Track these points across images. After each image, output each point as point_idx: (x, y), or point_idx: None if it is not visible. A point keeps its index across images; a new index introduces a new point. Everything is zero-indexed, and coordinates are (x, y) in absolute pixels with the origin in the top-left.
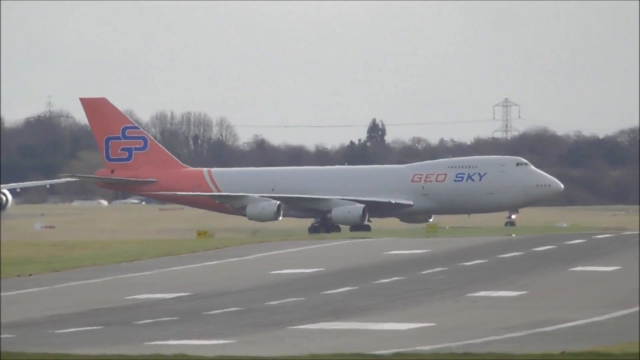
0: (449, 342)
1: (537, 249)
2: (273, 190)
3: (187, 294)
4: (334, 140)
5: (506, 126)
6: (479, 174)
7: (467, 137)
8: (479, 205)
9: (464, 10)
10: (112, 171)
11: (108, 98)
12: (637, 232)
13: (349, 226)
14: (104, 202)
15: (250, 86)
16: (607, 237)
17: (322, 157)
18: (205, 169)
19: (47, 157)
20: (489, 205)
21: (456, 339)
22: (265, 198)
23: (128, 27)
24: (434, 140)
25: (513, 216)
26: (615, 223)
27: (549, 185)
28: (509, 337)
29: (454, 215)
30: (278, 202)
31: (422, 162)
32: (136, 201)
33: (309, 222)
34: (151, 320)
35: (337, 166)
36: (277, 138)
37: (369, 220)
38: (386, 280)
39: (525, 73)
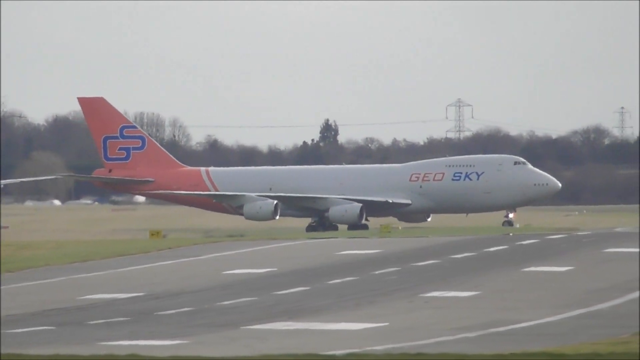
0: (401, 342)
1: (490, 249)
2: (271, 189)
3: (140, 294)
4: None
5: (459, 126)
6: (477, 173)
7: (420, 137)
8: (477, 204)
9: (416, 10)
10: (110, 171)
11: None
12: (589, 232)
13: (346, 225)
14: (57, 202)
15: (203, 86)
16: (559, 237)
17: (275, 157)
18: (203, 168)
19: None
20: (486, 205)
21: (409, 339)
22: (262, 197)
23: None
24: (387, 140)
25: (511, 215)
26: (568, 223)
27: (547, 184)
28: (461, 338)
29: (454, 215)
30: (275, 202)
31: (420, 161)
32: (89, 201)
33: (307, 221)
34: (104, 321)
35: (335, 165)
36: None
37: (366, 220)
38: (339, 281)
39: (477, 73)
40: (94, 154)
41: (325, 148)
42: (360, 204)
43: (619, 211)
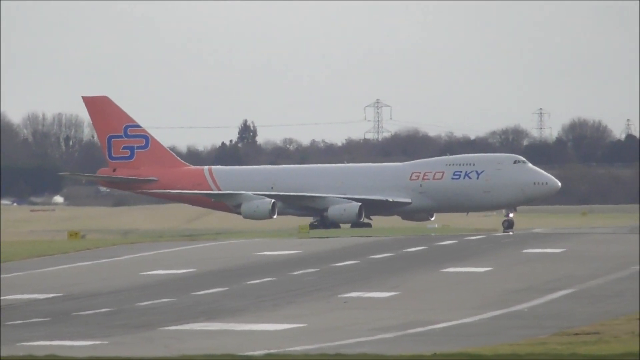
0: (320, 342)
1: (408, 250)
2: (272, 188)
3: (59, 294)
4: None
5: (377, 127)
6: (477, 172)
7: (338, 138)
8: (476, 203)
9: (334, 9)
10: (114, 170)
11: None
12: (508, 233)
13: (349, 224)
14: None
15: (121, 86)
16: (478, 238)
17: (193, 157)
18: (206, 167)
19: None
20: (486, 204)
21: (327, 340)
22: (260, 196)
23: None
24: (305, 141)
25: (511, 215)
26: (487, 224)
27: (546, 183)
28: (380, 338)
29: (455, 214)
30: (272, 200)
31: (421, 160)
32: (7, 202)
33: (308, 220)
34: (22, 321)
35: (337, 164)
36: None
37: (369, 218)
38: (257, 281)
39: (396, 74)
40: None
41: (244, 149)
42: (359, 203)
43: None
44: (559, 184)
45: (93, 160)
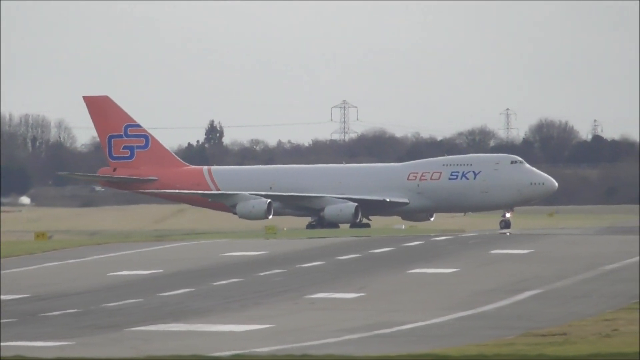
0: (287, 343)
1: (375, 250)
2: (271, 188)
3: (26, 295)
4: (172, 141)
5: (344, 128)
6: (474, 172)
7: (305, 138)
8: (474, 203)
9: (298, 10)
10: (115, 169)
11: None
12: (475, 234)
13: (346, 224)
14: None
15: (87, 87)
16: (445, 239)
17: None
18: (205, 167)
19: None
20: (483, 204)
21: (294, 341)
22: (256, 196)
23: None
24: (272, 142)
25: (508, 215)
26: (454, 225)
27: (543, 183)
28: (347, 339)
29: (454, 214)
30: (268, 201)
31: (419, 161)
32: None
33: (306, 220)
34: None
35: (336, 164)
36: None
37: (368, 219)
38: (224, 282)
39: (362, 75)
40: None
41: (211, 149)
42: (356, 204)
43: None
44: (556, 184)
45: (59, 161)
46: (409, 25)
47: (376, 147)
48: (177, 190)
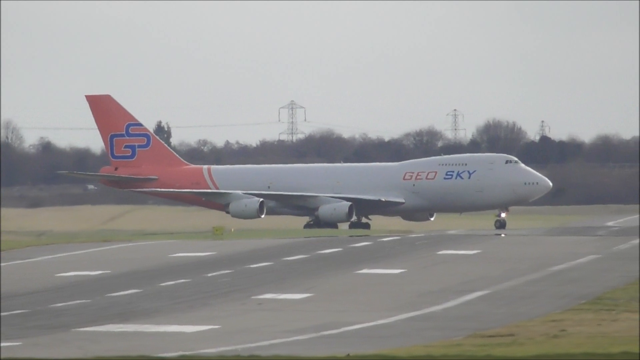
0: (234, 344)
1: (323, 251)
2: (269, 187)
3: None
4: None
5: (292, 129)
6: (468, 171)
7: (253, 139)
8: (468, 203)
9: (247, 11)
10: (116, 168)
11: None
12: (422, 235)
13: (339, 224)
14: None
15: (35, 87)
16: (392, 239)
17: (107, 160)
18: (205, 166)
19: None
20: (478, 203)
21: (242, 342)
22: (249, 195)
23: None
24: (219, 142)
25: (503, 214)
26: (401, 226)
27: (537, 183)
28: (294, 340)
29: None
30: (260, 200)
31: (415, 160)
32: None
33: (304, 220)
34: None
35: (333, 164)
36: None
37: (368, 218)
38: (172, 283)
39: (310, 75)
40: None
41: None
42: (349, 203)
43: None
44: (550, 183)
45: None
46: (356, 26)
47: (324, 147)
48: (169, 190)
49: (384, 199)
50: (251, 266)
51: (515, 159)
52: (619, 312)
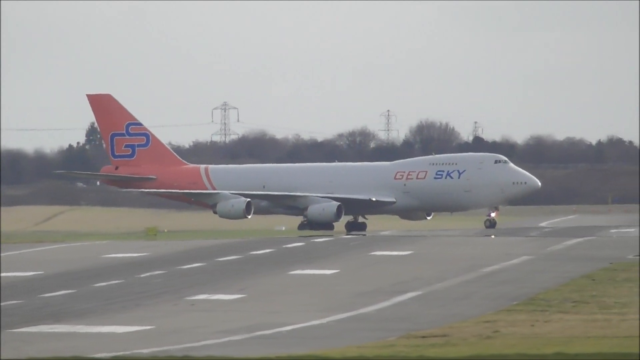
0: (168, 345)
1: (256, 252)
2: (264, 187)
3: None
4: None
5: (225, 129)
6: (458, 171)
7: (185, 140)
8: (458, 202)
9: (181, 11)
10: (116, 168)
11: None
12: (356, 235)
13: (332, 223)
14: None
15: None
16: (326, 240)
17: (40, 161)
18: (202, 166)
19: None
20: (467, 203)
21: (175, 342)
22: (236, 195)
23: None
24: None
25: (493, 214)
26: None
27: (525, 182)
28: (227, 341)
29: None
30: (247, 200)
31: (407, 160)
32: None
33: (298, 220)
34: None
35: (327, 163)
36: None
37: (364, 217)
38: (105, 284)
39: (243, 76)
40: None
41: (91, 151)
42: (338, 203)
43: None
44: (539, 183)
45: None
46: (288, 26)
47: (257, 148)
48: (157, 190)
49: (374, 199)
50: (184, 267)
51: (505, 158)
52: (552, 313)
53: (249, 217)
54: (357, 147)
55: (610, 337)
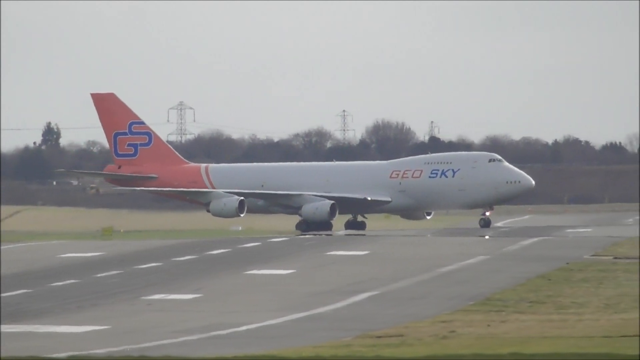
0: (124, 344)
1: (212, 252)
2: (263, 186)
3: None
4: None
5: (181, 129)
6: (453, 170)
7: None
8: (452, 201)
9: (135, 11)
10: (119, 167)
11: None
12: (312, 235)
13: (325, 222)
14: None
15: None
16: (281, 240)
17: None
18: (203, 165)
19: None
20: (461, 202)
21: (131, 342)
22: (229, 194)
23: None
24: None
25: (487, 213)
26: (290, 227)
27: (519, 181)
28: (184, 340)
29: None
30: (240, 198)
31: (403, 159)
32: None
33: (296, 219)
34: None
35: (324, 162)
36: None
37: (364, 217)
38: (61, 283)
39: (199, 76)
40: None
41: (47, 151)
42: (331, 202)
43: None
44: (533, 182)
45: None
46: (243, 26)
47: (213, 148)
48: (156, 188)
49: (369, 198)
50: (140, 267)
51: (499, 157)
52: (509, 313)
53: (242, 215)
54: (313, 147)
55: (567, 337)
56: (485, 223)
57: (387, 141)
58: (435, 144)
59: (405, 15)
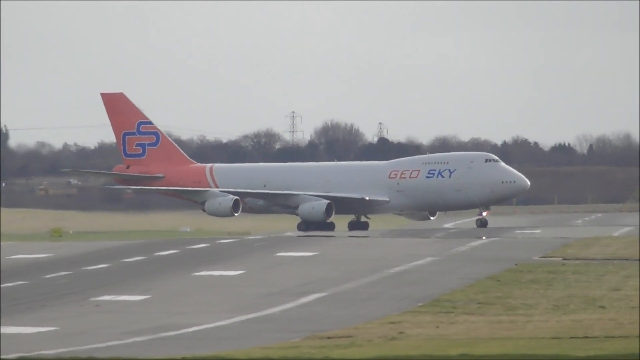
0: (73, 346)
1: (161, 253)
2: (265, 186)
3: None
4: None
5: None
6: (449, 170)
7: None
8: (449, 202)
9: (86, 10)
10: (128, 167)
11: None
12: (261, 236)
13: (321, 222)
14: None
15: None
16: (231, 241)
17: None
18: (208, 165)
19: None
20: (457, 202)
21: (80, 343)
22: (224, 193)
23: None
24: (58, 144)
25: (484, 213)
26: (240, 228)
27: (514, 182)
28: (132, 342)
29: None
30: (235, 198)
31: (401, 159)
32: None
33: (297, 219)
34: None
35: (325, 162)
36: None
37: (367, 217)
38: (10, 285)
39: (148, 76)
40: None
41: None
42: (328, 202)
43: None
44: (528, 182)
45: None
46: (191, 26)
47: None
48: (156, 188)
49: (367, 198)
50: (89, 268)
51: (495, 157)
52: (457, 314)
53: (237, 214)
54: (262, 148)
55: (516, 338)
56: (482, 223)
57: (336, 142)
58: (384, 145)
59: (352, 17)
